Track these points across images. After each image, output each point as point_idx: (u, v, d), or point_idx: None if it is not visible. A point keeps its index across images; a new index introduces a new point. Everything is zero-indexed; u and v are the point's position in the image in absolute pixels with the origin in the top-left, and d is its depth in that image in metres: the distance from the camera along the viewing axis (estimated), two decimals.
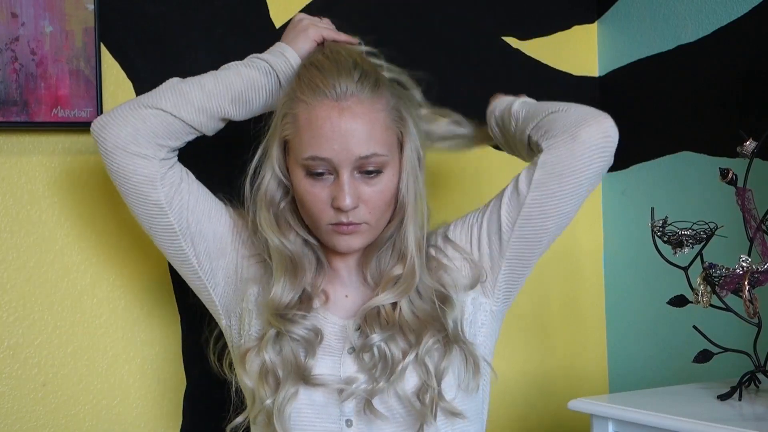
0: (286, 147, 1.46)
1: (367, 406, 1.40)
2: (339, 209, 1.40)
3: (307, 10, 1.96)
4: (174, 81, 1.53)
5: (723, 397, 1.66)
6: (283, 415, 1.40)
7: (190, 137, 1.54)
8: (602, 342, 2.30)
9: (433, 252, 1.52)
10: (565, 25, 2.27)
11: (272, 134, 1.47)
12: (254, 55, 1.58)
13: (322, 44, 1.58)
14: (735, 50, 1.99)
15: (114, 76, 1.78)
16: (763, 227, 1.67)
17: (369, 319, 1.43)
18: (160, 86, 1.53)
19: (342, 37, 1.59)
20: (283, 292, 1.45)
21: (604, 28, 2.29)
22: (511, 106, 1.60)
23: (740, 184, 1.68)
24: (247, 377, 1.45)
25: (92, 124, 1.52)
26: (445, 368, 1.41)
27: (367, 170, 1.40)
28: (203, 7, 1.87)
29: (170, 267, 1.83)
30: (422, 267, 1.46)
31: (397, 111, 1.43)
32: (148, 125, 1.48)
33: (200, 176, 1.57)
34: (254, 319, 1.49)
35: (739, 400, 1.65)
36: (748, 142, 1.68)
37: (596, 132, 1.46)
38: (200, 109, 1.51)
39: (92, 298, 1.77)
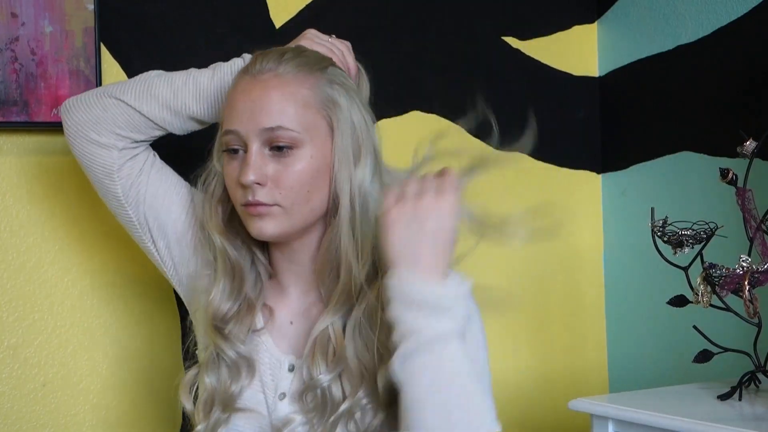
0: None
1: None
2: (244, 186, 1.30)
3: (307, 10, 1.96)
4: (150, 73, 1.48)
5: (723, 397, 1.66)
6: None
7: (156, 132, 1.47)
8: (602, 342, 2.30)
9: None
10: (565, 25, 2.27)
11: (220, 126, 1.39)
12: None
13: None
14: (735, 50, 1.99)
15: (114, 76, 1.78)
16: (763, 227, 1.67)
17: (316, 351, 1.31)
18: (136, 77, 1.48)
19: (337, 58, 1.45)
20: (221, 298, 1.36)
21: (604, 28, 2.29)
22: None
23: (740, 184, 1.68)
24: (185, 399, 1.38)
25: (61, 105, 1.48)
26: (374, 427, 1.28)
27: (278, 146, 1.29)
28: (203, 7, 1.87)
29: None
30: (367, 286, 1.31)
31: (330, 98, 1.32)
32: (109, 115, 1.44)
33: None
34: (200, 334, 1.42)
35: (739, 400, 1.65)
36: (748, 142, 1.68)
37: None
38: (164, 105, 1.44)
39: (92, 298, 1.77)
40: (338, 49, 1.45)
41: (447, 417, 1.17)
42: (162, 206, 1.46)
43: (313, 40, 1.46)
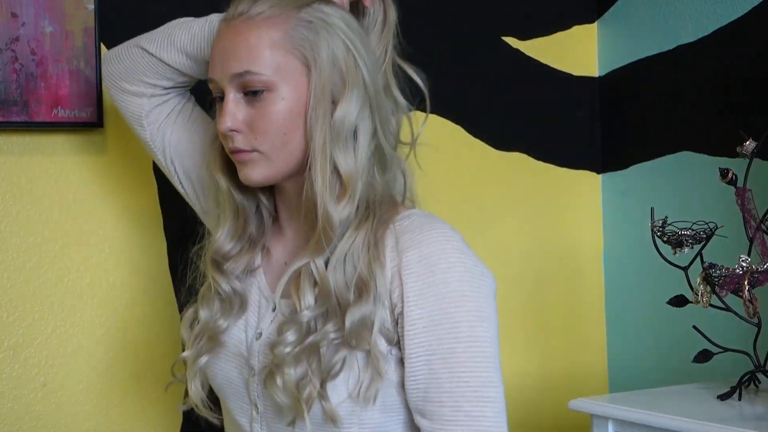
0: None
1: (269, 379, 1.29)
2: (223, 134, 1.31)
3: None
4: (173, 22, 1.50)
5: (723, 397, 1.66)
6: (203, 373, 1.38)
7: (182, 78, 1.49)
8: (602, 342, 2.30)
9: (379, 238, 1.29)
10: (565, 25, 2.27)
11: None
12: None
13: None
14: (735, 50, 1.99)
15: None
16: (763, 227, 1.67)
17: (293, 287, 1.29)
18: (162, 26, 1.51)
19: None
20: (225, 238, 1.38)
21: (604, 28, 2.29)
22: None
23: (740, 184, 1.68)
24: (185, 334, 1.40)
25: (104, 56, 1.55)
26: (336, 365, 1.26)
27: (251, 91, 1.28)
28: (203, 7, 1.86)
29: (170, 266, 1.83)
30: (346, 225, 1.28)
31: (303, 37, 1.29)
32: (137, 64, 1.48)
33: None
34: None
35: (739, 400, 1.66)
36: (748, 142, 1.68)
37: None
38: (182, 51, 1.45)
39: (92, 298, 1.77)
40: None
41: None
42: (186, 150, 1.49)
43: None
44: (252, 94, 1.28)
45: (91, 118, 1.71)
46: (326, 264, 1.28)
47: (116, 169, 1.79)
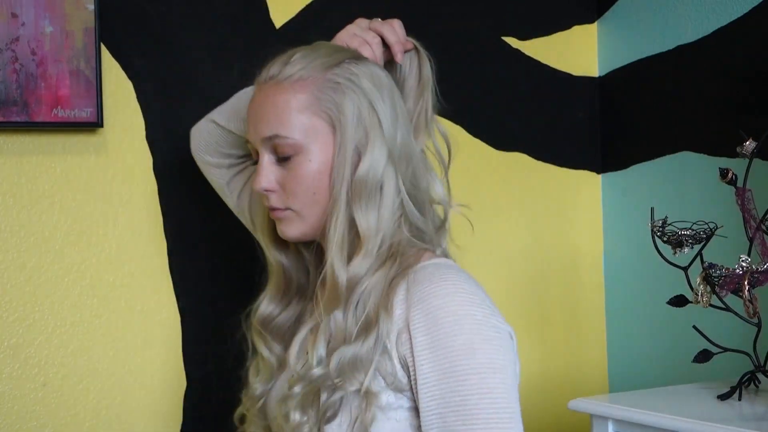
0: None
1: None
2: (258, 193, 1.36)
3: (307, 10, 1.96)
4: (239, 93, 1.57)
5: (723, 397, 1.66)
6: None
7: None
8: (602, 342, 2.30)
9: (393, 285, 1.30)
10: (565, 25, 2.27)
11: None
12: None
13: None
14: (735, 50, 1.99)
15: (114, 76, 1.78)
16: (763, 227, 1.67)
17: (316, 336, 1.32)
18: (230, 98, 1.59)
19: (369, 52, 1.44)
20: (267, 301, 1.43)
21: (604, 28, 2.29)
22: None
23: (740, 184, 1.68)
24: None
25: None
26: (331, 407, 1.29)
27: (282, 156, 1.33)
28: (203, 7, 1.87)
29: (170, 266, 1.83)
30: (360, 277, 1.30)
31: (330, 99, 1.32)
32: (211, 137, 1.59)
33: None
34: None
35: (739, 400, 1.66)
36: (748, 142, 1.68)
37: None
38: (245, 120, 1.47)
39: (92, 298, 1.77)
40: (374, 41, 1.45)
41: None
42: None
43: (351, 32, 1.48)
44: (284, 158, 1.33)
45: (91, 118, 1.71)
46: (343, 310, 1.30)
47: (116, 169, 1.79)
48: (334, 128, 1.32)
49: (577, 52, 2.28)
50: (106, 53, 1.77)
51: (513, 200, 2.20)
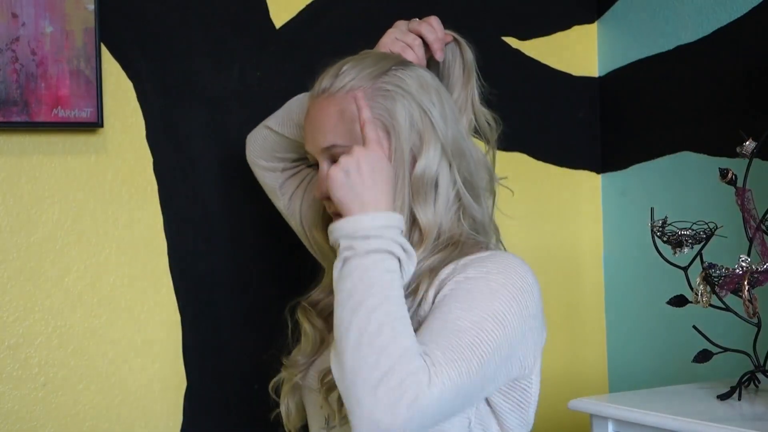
0: None
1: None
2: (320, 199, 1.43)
3: (307, 10, 1.96)
4: (293, 99, 1.62)
5: (723, 397, 1.66)
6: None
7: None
8: (602, 342, 2.30)
9: (439, 264, 1.38)
10: (565, 25, 2.27)
11: None
12: None
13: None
14: (735, 50, 1.99)
15: (114, 76, 1.78)
16: (763, 227, 1.66)
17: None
18: (284, 104, 1.64)
19: (413, 55, 1.51)
20: (319, 292, 1.50)
21: (604, 28, 2.29)
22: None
23: (740, 184, 1.68)
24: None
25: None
26: None
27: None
28: (203, 7, 1.87)
29: (170, 266, 1.83)
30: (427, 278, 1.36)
31: (381, 106, 1.38)
32: (266, 142, 1.65)
33: None
34: None
35: (739, 399, 1.65)
36: (748, 142, 1.68)
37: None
38: (299, 125, 1.55)
39: (92, 298, 1.77)
40: (414, 43, 1.52)
41: (360, 325, 1.20)
42: (314, 219, 1.58)
43: (392, 36, 1.55)
44: None
45: (91, 118, 1.71)
46: None
47: (116, 169, 1.79)
48: (389, 134, 1.38)
49: (577, 52, 2.28)
50: (106, 53, 1.77)
51: (513, 200, 2.20)
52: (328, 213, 1.47)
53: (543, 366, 2.22)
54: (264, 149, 1.66)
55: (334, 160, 1.38)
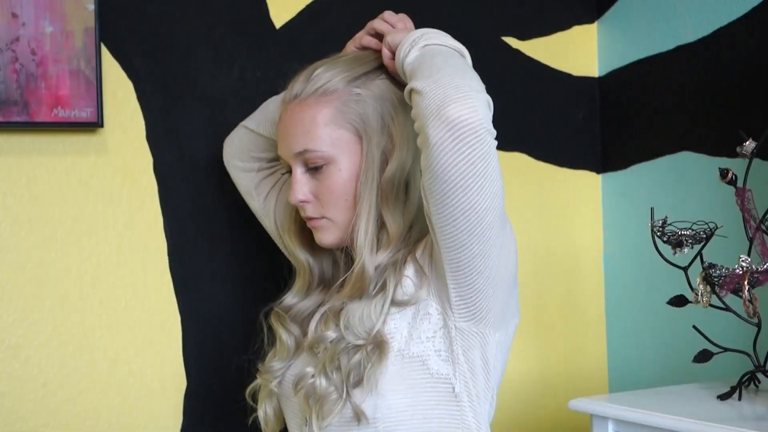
0: None
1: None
2: (294, 205, 1.46)
3: (307, 10, 1.96)
4: (269, 99, 1.65)
5: (723, 397, 1.66)
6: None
7: None
8: (602, 342, 2.30)
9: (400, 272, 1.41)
10: (565, 25, 2.27)
11: None
12: None
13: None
14: (735, 50, 1.99)
15: (114, 76, 1.78)
16: (763, 227, 1.67)
17: (329, 320, 1.43)
18: (261, 105, 1.67)
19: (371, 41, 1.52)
20: (292, 297, 1.52)
21: (604, 28, 2.29)
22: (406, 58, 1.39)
23: (740, 184, 1.68)
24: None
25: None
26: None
27: (313, 166, 1.42)
28: (203, 7, 1.87)
29: (170, 266, 1.83)
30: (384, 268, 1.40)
31: (353, 111, 1.41)
32: (242, 142, 1.67)
33: None
34: None
35: (739, 400, 1.66)
36: (748, 142, 1.68)
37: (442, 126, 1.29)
38: (275, 124, 1.55)
39: (92, 298, 1.77)
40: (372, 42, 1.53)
41: (460, 64, 1.38)
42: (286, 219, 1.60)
43: (354, 38, 1.56)
44: (314, 168, 1.42)
45: (91, 118, 1.71)
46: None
47: (116, 169, 1.79)
48: (360, 137, 1.41)
49: (576, 52, 2.28)
50: (106, 53, 1.77)
51: (513, 200, 2.20)
52: (300, 217, 1.49)
53: (543, 366, 2.24)
54: (240, 149, 1.68)
55: (307, 164, 1.42)
